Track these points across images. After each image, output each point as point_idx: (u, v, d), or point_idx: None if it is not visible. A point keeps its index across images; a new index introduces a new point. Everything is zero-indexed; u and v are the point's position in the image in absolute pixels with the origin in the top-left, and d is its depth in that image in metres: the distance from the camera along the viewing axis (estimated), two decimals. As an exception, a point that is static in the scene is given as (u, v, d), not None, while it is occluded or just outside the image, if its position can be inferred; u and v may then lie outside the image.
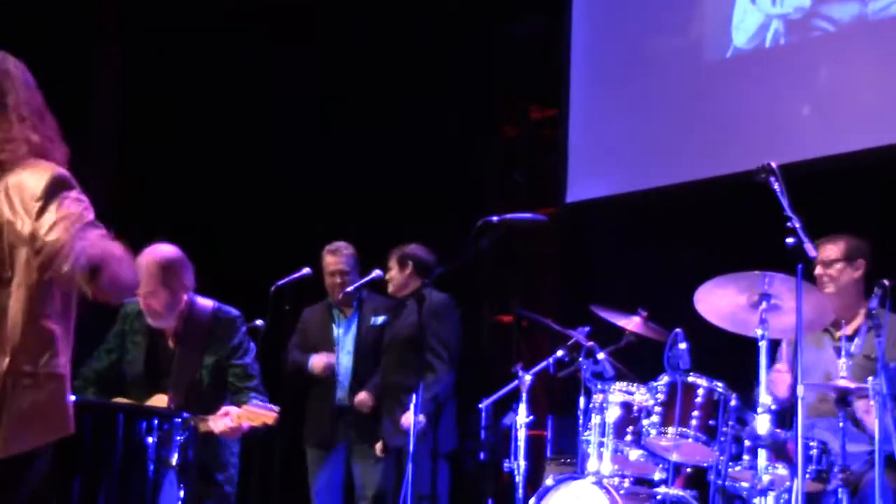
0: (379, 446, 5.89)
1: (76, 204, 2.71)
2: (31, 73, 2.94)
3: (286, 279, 5.45)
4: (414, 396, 5.18)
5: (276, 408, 4.52)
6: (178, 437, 4.42)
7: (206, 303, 4.79)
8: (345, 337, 6.13)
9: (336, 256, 6.15)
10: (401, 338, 5.93)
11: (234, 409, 4.51)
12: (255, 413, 4.48)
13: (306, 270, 5.58)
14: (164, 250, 4.69)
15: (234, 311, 4.80)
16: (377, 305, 6.16)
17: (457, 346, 5.97)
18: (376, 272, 5.99)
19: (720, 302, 4.62)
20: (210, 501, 4.69)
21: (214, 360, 4.70)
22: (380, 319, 6.11)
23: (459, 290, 6.09)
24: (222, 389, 4.72)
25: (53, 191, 2.70)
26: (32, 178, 2.73)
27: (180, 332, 4.74)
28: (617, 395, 5.05)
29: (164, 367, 4.75)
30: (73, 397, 3.64)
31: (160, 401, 4.65)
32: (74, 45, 7.31)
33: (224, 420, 4.50)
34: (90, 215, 2.73)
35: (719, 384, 4.78)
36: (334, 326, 6.18)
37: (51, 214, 2.67)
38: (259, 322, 5.13)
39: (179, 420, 4.42)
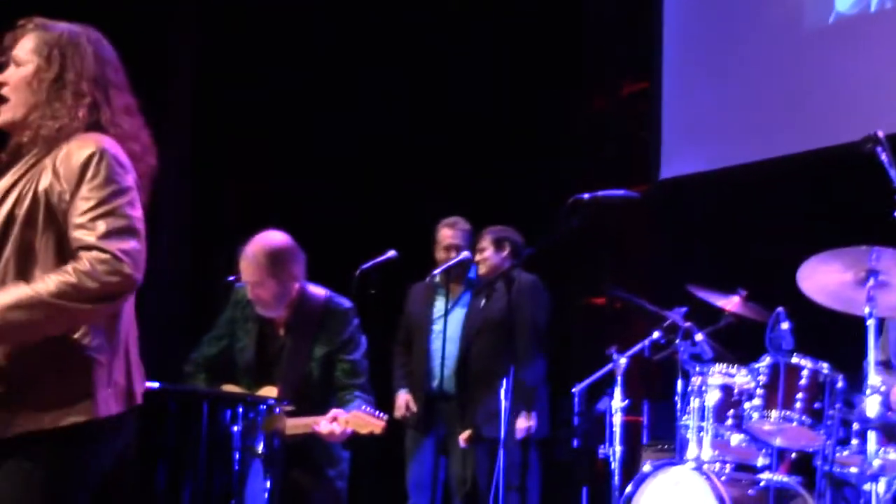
0: (464, 436, 5.75)
1: (112, 189, 2.67)
2: (110, 45, 2.89)
3: (371, 262, 5.34)
4: (505, 382, 5.05)
5: (385, 416, 4.42)
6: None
7: (318, 291, 4.70)
8: (447, 318, 5.95)
9: (453, 230, 5.99)
10: (491, 321, 5.79)
11: (342, 414, 4.41)
12: (364, 420, 4.38)
13: (392, 253, 5.45)
14: (274, 239, 4.63)
15: (347, 303, 4.70)
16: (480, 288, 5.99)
17: (547, 329, 5.81)
18: (465, 253, 5.86)
19: (824, 279, 4.42)
20: (320, 496, 4.60)
21: (324, 352, 4.61)
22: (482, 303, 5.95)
23: (549, 271, 5.94)
24: (332, 384, 4.63)
25: (95, 168, 2.67)
26: (77, 149, 2.70)
27: (291, 322, 4.66)
28: (716, 378, 4.90)
29: (274, 357, 4.68)
30: (154, 383, 3.57)
31: (269, 393, 4.59)
32: (151, 24, 7.32)
33: (331, 425, 4.41)
34: (128, 208, 2.68)
35: (825, 365, 4.63)
36: (437, 306, 6.00)
37: (88, 202, 2.65)
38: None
39: (265, 407, 4.36)
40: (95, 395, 2.67)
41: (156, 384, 3.96)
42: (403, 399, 5.99)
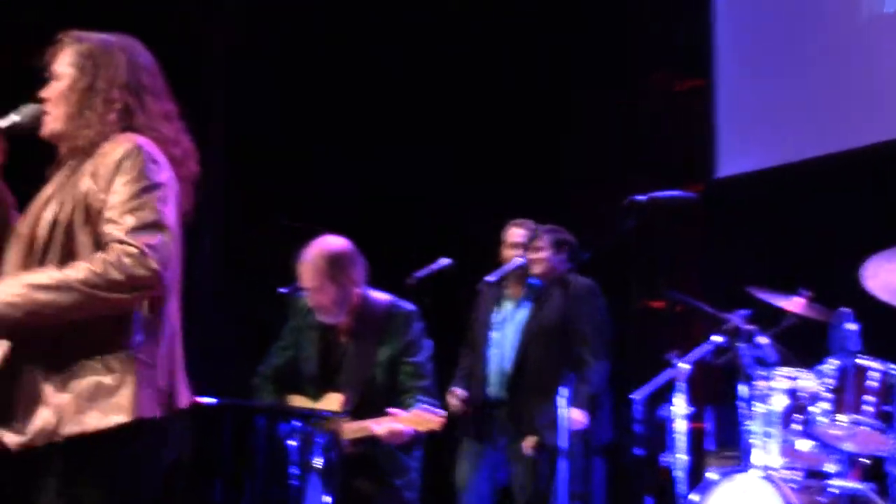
0: (527, 443, 5.64)
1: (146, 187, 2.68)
2: (147, 52, 2.91)
3: (425, 270, 5.26)
4: (563, 390, 4.95)
5: (444, 413, 4.35)
6: (321, 439, 4.32)
7: (380, 297, 4.67)
8: (505, 323, 5.85)
9: (521, 229, 5.90)
10: (545, 328, 5.69)
11: (401, 413, 4.35)
12: (422, 418, 4.33)
13: (445, 261, 5.37)
14: (333, 243, 4.60)
15: (410, 306, 4.67)
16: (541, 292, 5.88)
17: (607, 333, 5.70)
18: (519, 259, 5.75)
19: (890, 277, 4.27)
20: None
21: (388, 356, 4.57)
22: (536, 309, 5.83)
23: (604, 274, 5.83)
24: (396, 389, 4.58)
25: (128, 164, 2.69)
26: (112, 149, 2.74)
27: (353, 328, 4.62)
28: (782, 382, 4.79)
29: (337, 364, 4.64)
30: (211, 398, 3.54)
31: (334, 401, 4.56)
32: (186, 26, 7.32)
33: (390, 424, 4.34)
34: (159, 206, 2.69)
35: (894, 366, 4.45)
36: (498, 311, 5.89)
37: (119, 196, 2.67)
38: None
39: (322, 421, 4.31)
40: (137, 394, 2.67)
41: (212, 399, 3.93)
42: (454, 393, 5.90)
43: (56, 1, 6.36)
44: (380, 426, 4.37)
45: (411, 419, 4.33)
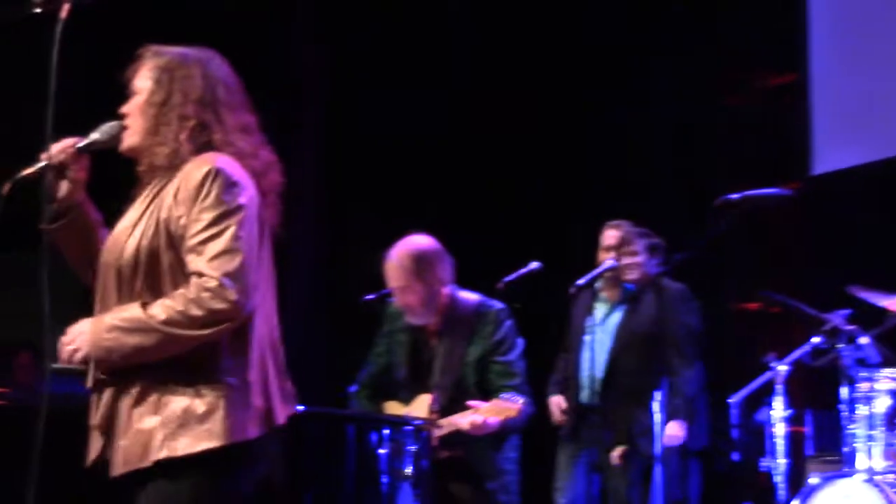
0: (616, 453, 5.54)
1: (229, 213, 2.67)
2: (225, 65, 2.89)
3: (515, 274, 5.20)
4: (657, 395, 4.85)
5: (520, 399, 4.29)
6: (411, 447, 4.28)
7: (469, 297, 4.65)
8: (600, 328, 5.76)
9: (616, 230, 5.82)
10: (638, 333, 5.59)
11: (481, 404, 4.33)
12: (500, 406, 4.31)
13: (535, 264, 5.30)
14: (418, 242, 4.59)
15: (498, 304, 4.64)
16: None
17: (699, 339, 5.58)
18: (609, 261, 5.66)
19: None
20: None
21: (478, 355, 4.56)
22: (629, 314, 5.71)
23: (697, 275, 5.71)
24: (487, 388, 4.55)
25: (207, 188, 2.67)
26: (192, 171, 2.72)
27: (442, 329, 4.60)
28: (885, 383, 4.69)
29: (428, 366, 4.64)
30: (299, 406, 3.54)
31: (423, 402, 4.53)
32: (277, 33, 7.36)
33: (472, 416, 4.32)
34: (240, 231, 2.67)
35: None
36: (593, 315, 5.80)
37: (199, 224, 2.66)
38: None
39: (411, 428, 4.28)
40: (229, 418, 2.65)
41: (300, 407, 3.92)
42: (555, 403, 5.83)
43: (142, 16, 6.46)
44: (462, 419, 4.34)
45: (490, 409, 4.30)
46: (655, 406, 4.90)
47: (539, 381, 5.81)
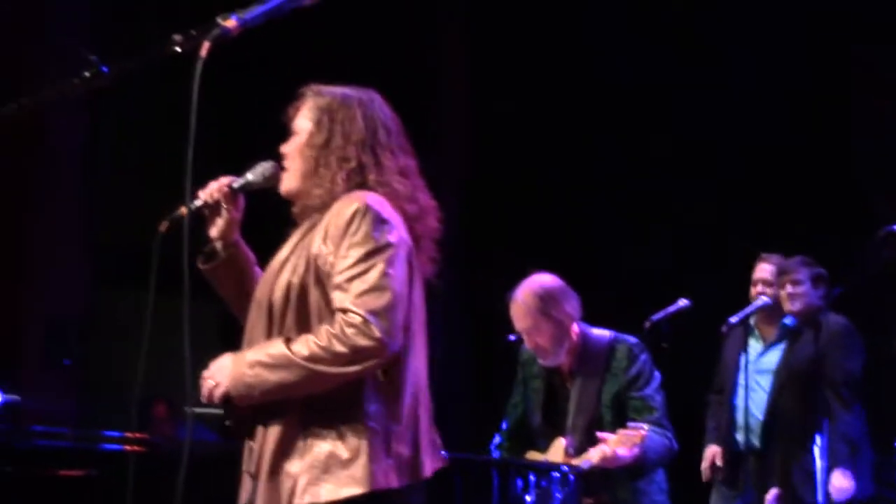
0: (770, 495, 5.27)
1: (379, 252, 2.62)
2: (386, 106, 2.82)
3: (662, 312, 5.02)
4: (818, 438, 4.60)
5: (644, 426, 4.14)
6: (558, 494, 4.17)
7: (601, 333, 4.50)
8: (756, 366, 5.51)
9: (769, 263, 5.59)
10: (797, 372, 5.34)
11: (609, 436, 4.19)
12: (626, 436, 4.15)
13: (684, 302, 5.11)
14: (541, 280, 4.46)
15: (632, 339, 4.49)
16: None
17: (861, 378, 5.29)
18: (764, 299, 5.41)
19: None
20: None
21: (613, 394, 4.41)
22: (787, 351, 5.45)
23: (859, 311, 5.42)
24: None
25: (356, 225, 2.63)
26: (342, 208, 2.68)
27: (576, 369, 4.48)
28: None
29: (563, 409, 4.51)
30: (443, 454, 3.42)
31: (559, 446, 4.43)
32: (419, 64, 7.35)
33: (601, 448, 4.19)
34: (391, 270, 2.61)
35: None
36: (747, 351, 5.57)
37: (346, 260, 2.61)
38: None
39: (559, 475, 4.14)
40: (372, 464, 2.59)
41: (444, 454, 3.82)
42: (710, 453, 5.60)
43: (298, 53, 6.50)
44: (593, 453, 4.20)
45: (617, 440, 4.15)
46: (816, 451, 4.66)
47: (690, 422, 5.60)
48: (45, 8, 6.91)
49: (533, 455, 4.53)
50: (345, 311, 2.57)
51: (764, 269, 5.54)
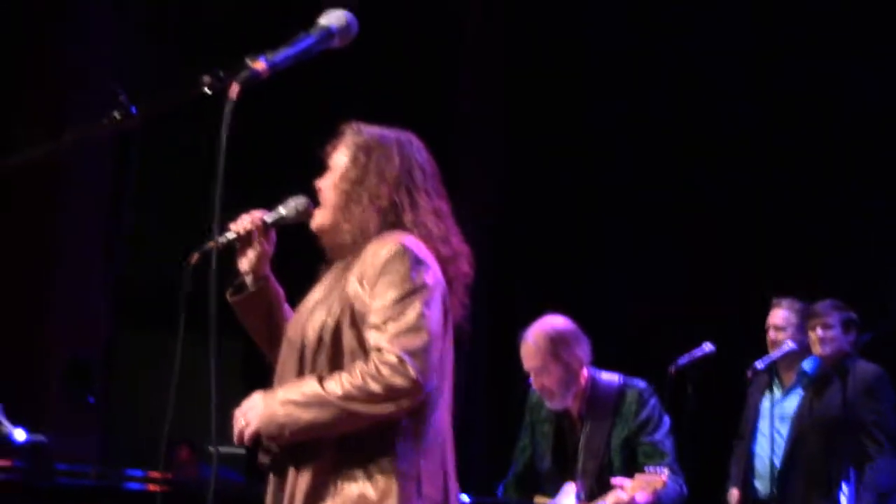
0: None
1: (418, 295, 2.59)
2: (424, 149, 2.80)
3: (687, 357, 4.96)
4: (845, 486, 4.52)
5: (664, 471, 4.08)
6: None
7: (610, 378, 4.45)
8: (775, 412, 5.43)
9: (776, 308, 5.54)
10: (823, 420, 5.24)
11: (626, 481, 4.13)
12: (645, 480, 4.09)
13: (709, 346, 5.05)
14: (553, 322, 4.43)
15: (641, 383, 4.44)
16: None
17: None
18: (790, 344, 5.34)
19: None
20: None
21: (623, 438, 4.36)
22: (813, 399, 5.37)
23: (887, 357, 5.34)
24: (636, 472, 4.31)
25: (392, 266, 2.61)
26: (377, 249, 2.65)
27: (585, 413, 4.43)
28: None
29: (573, 454, 4.46)
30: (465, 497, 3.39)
31: (569, 491, 4.37)
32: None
33: (617, 495, 4.13)
34: (429, 312, 2.58)
35: None
36: (767, 395, 5.50)
37: (383, 301, 2.58)
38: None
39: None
40: None
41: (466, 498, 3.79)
42: (734, 498, 5.51)
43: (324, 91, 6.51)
44: (609, 497, 4.16)
45: (636, 485, 4.09)
46: (843, 499, 4.58)
47: (716, 467, 5.53)
48: (78, 52, 6.98)
49: (540, 500, 4.49)
50: (380, 350, 2.55)
51: (776, 315, 5.49)
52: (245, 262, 2.83)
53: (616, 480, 4.15)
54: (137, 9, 7.35)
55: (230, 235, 2.78)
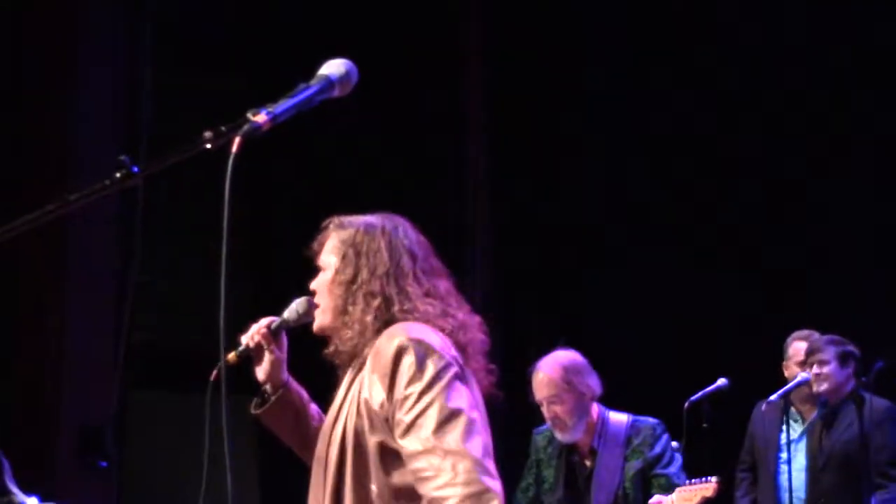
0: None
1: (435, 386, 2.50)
2: (412, 230, 2.76)
3: (701, 393, 4.95)
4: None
5: (714, 478, 4.07)
6: None
7: (620, 417, 4.53)
8: (796, 446, 5.39)
9: (796, 342, 5.52)
10: (838, 454, 5.22)
11: (664, 498, 4.23)
12: (691, 492, 4.09)
13: (723, 381, 5.03)
14: (566, 354, 4.55)
15: (653, 420, 4.53)
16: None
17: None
18: (803, 375, 5.32)
19: None
20: None
21: (638, 469, 4.43)
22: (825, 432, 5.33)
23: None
24: None
25: (403, 362, 2.52)
26: (384, 346, 2.58)
27: (595, 446, 4.49)
28: None
29: (585, 487, 4.51)
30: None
31: None
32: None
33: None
34: (452, 401, 2.49)
35: None
36: (784, 429, 5.48)
37: (409, 405, 2.49)
38: (674, 444, 4.63)
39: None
40: None
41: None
42: None
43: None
44: None
45: (679, 498, 4.16)
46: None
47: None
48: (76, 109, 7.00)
49: None
50: (427, 452, 2.44)
51: (798, 349, 5.46)
52: (261, 373, 2.83)
53: (657, 498, 4.24)
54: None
55: (241, 349, 2.80)
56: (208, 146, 2.33)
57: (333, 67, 2.44)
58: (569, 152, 7.71)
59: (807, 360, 5.34)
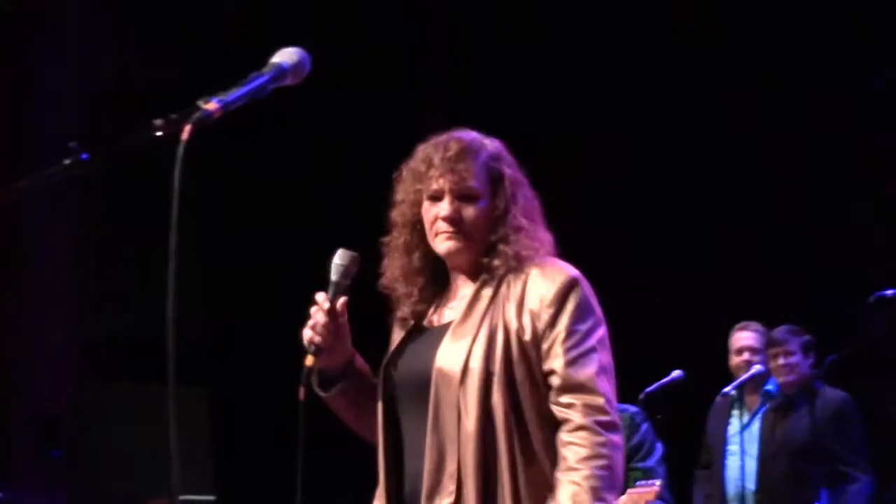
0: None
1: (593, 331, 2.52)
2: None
3: (656, 384, 4.97)
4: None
5: (657, 481, 4.08)
6: None
7: None
8: (743, 436, 5.43)
9: (748, 332, 5.54)
10: (790, 445, 5.25)
11: (620, 499, 4.08)
12: (637, 495, 4.05)
13: (678, 373, 5.06)
14: None
15: (633, 408, 4.49)
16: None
17: (866, 450, 5.20)
18: (757, 367, 5.35)
19: None
20: None
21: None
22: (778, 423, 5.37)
23: (850, 377, 5.35)
24: None
25: (571, 300, 2.51)
26: (549, 274, 2.55)
27: None
28: None
29: None
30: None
31: None
32: None
33: None
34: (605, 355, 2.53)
35: None
36: (732, 421, 5.51)
37: (569, 341, 2.48)
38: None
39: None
40: None
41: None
42: None
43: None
44: None
45: (626, 501, 4.04)
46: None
47: (686, 496, 5.52)
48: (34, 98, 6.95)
49: None
50: (576, 388, 2.44)
51: (741, 338, 5.49)
52: (331, 358, 2.60)
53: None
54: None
55: (314, 347, 2.56)
56: (158, 134, 2.31)
57: (286, 56, 2.42)
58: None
59: (770, 350, 5.36)
